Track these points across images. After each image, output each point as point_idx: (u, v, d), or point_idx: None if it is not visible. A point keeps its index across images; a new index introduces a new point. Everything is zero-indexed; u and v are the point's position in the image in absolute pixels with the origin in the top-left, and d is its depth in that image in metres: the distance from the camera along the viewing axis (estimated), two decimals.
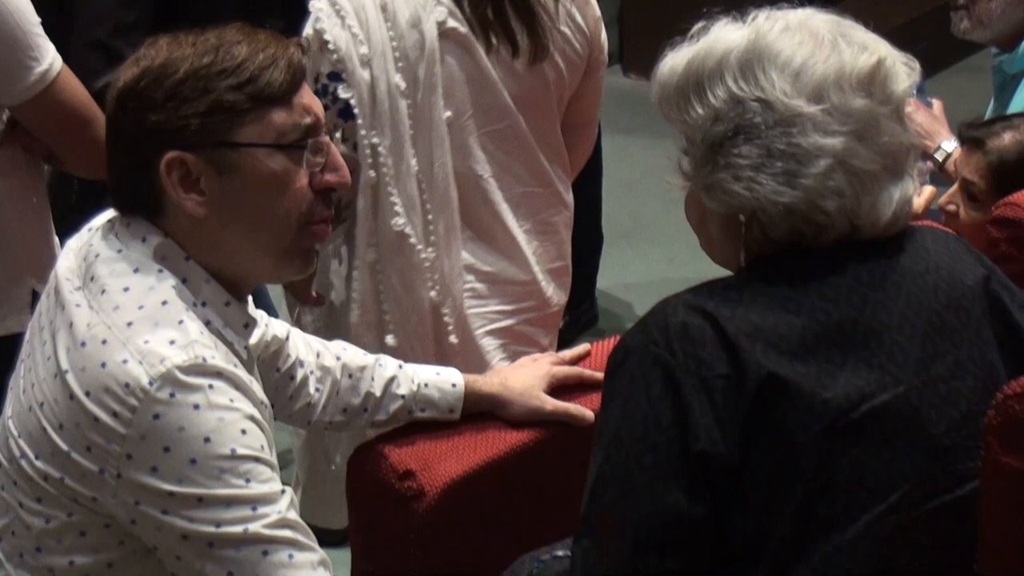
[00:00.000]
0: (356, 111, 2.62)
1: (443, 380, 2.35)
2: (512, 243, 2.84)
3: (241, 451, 1.80)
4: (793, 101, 1.80)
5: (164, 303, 1.85)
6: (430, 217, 2.72)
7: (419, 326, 2.74)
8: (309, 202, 1.91)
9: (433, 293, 2.75)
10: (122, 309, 1.84)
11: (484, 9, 2.67)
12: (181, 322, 1.84)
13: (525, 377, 2.39)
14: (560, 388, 2.40)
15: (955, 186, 2.97)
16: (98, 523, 1.85)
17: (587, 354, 2.48)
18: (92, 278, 1.88)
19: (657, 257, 5.08)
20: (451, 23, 2.66)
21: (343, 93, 2.62)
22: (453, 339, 2.76)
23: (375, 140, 2.66)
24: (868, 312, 1.81)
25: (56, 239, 2.76)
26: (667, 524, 1.76)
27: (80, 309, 1.86)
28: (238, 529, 1.80)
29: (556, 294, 2.94)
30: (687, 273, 4.20)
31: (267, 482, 1.83)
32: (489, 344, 2.80)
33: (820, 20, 1.87)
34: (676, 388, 1.76)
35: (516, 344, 2.80)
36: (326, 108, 2.58)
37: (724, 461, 1.75)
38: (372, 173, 2.69)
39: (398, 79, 2.64)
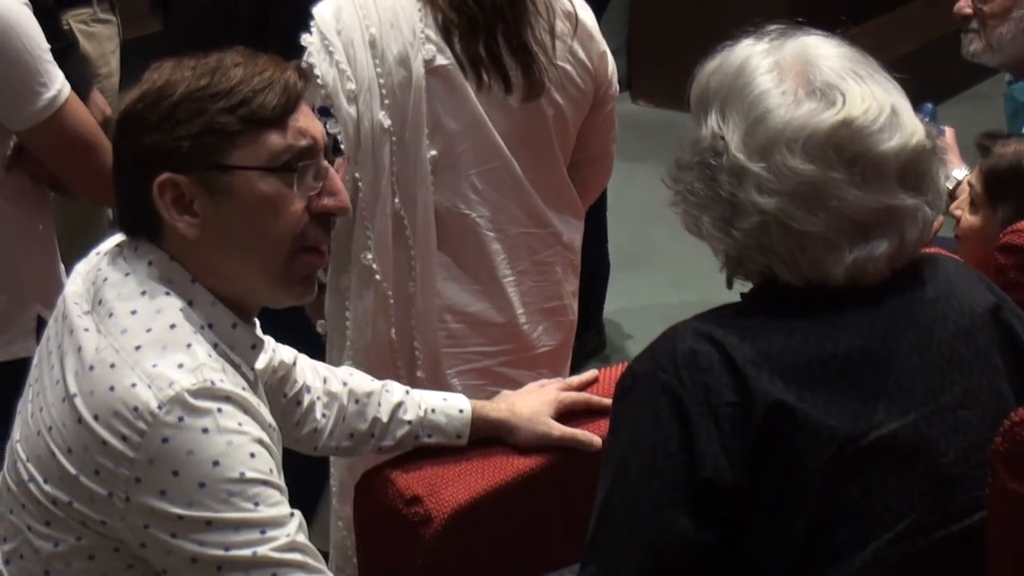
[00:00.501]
0: (342, 146, 2.62)
1: (450, 406, 2.35)
2: (496, 285, 2.79)
3: (250, 475, 1.81)
4: (739, 153, 1.79)
5: (172, 326, 1.86)
6: (412, 253, 2.69)
7: (376, 359, 2.71)
8: (304, 226, 1.91)
9: (393, 332, 2.72)
10: (130, 332, 1.84)
11: (476, 47, 2.64)
12: (189, 345, 1.84)
13: (532, 403, 2.39)
14: (568, 414, 2.39)
15: (966, 192, 2.97)
16: (107, 547, 1.86)
17: (595, 380, 2.48)
18: (100, 302, 1.89)
19: (663, 283, 5.09)
20: (440, 60, 2.63)
21: (331, 128, 2.61)
22: (420, 373, 2.72)
23: (356, 175, 2.65)
24: (877, 341, 1.80)
25: (62, 265, 2.77)
26: (674, 550, 1.75)
27: (88, 333, 1.86)
28: (247, 552, 1.80)
29: (547, 335, 2.87)
30: (693, 299, 4.20)
31: (276, 505, 1.83)
32: (460, 383, 2.76)
33: (823, 63, 1.82)
34: (683, 415, 1.76)
35: (494, 385, 2.74)
36: None
37: (731, 488, 1.74)
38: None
39: (382, 116, 2.62)
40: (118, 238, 1.97)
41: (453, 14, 2.62)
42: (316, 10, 2.65)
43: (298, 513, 1.86)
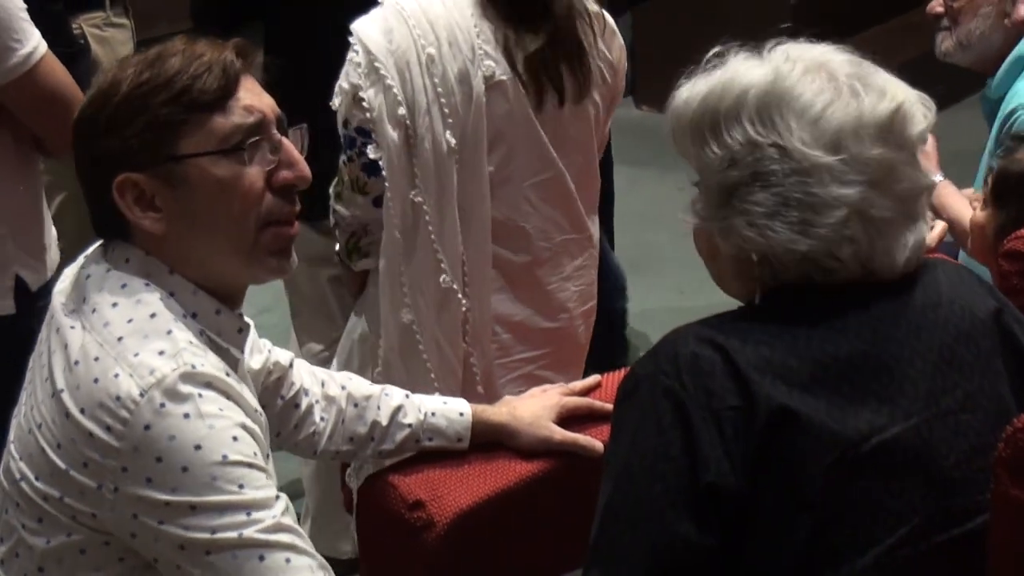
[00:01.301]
0: (384, 172, 2.58)
1: (450, 409, 2.35)
2: (542, 292, 2.82)
3: (233, 457, 1.81)
4: (811, 151, 1.79)
5: (153, 315, 1.87)
6: (465, 269, 2.70)
7: (454, 383, 2.71)
8: (268, 202, 1.92)
9: (466, 345, 2.73)
10: (112, 325, 1.86)
11: (532, 58, 2.63)
12: (170, 332, 1.86)
13: (534, 407, 2.39)
14: (569, 418, 2.39)
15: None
16: (97, 541, 1.87)
17: (597, 385, 2.48)
18: (83, 299, 1.91)
19: (667, 288, 5.09)
20: (499, 76, 2.62)
21: (372, 154, 2.59)
22: (480, 389, 2.73)
23: (419, 199, 2.61)
24: (878, 346, 1.80)
25: (52, 230, 2.79)
26: (676, 554, 1.75)
27: (74, 330, 1.88)
28: (233, 535, 1.81)
29: (584, 335, 2.93)
30: (697, 304, 4.19)
31: (261, 488, 1.84)
32: (509, 392, 2.77)
33: (839, 62, 1.86)
34: (686, 419, 1.76)
35: (528, 386, 2.79)
36: (351, 160, 2.61)
37: (733, 492, 1.74)
38: (397, 234, 2.64)
39: (447, 136, 2.59)
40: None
41: (510, 28, 2.62)
42: (360, 30, 2.58)
43: (284, 496, 1.87)
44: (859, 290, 1.83)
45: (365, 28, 2.57)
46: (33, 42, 2.57)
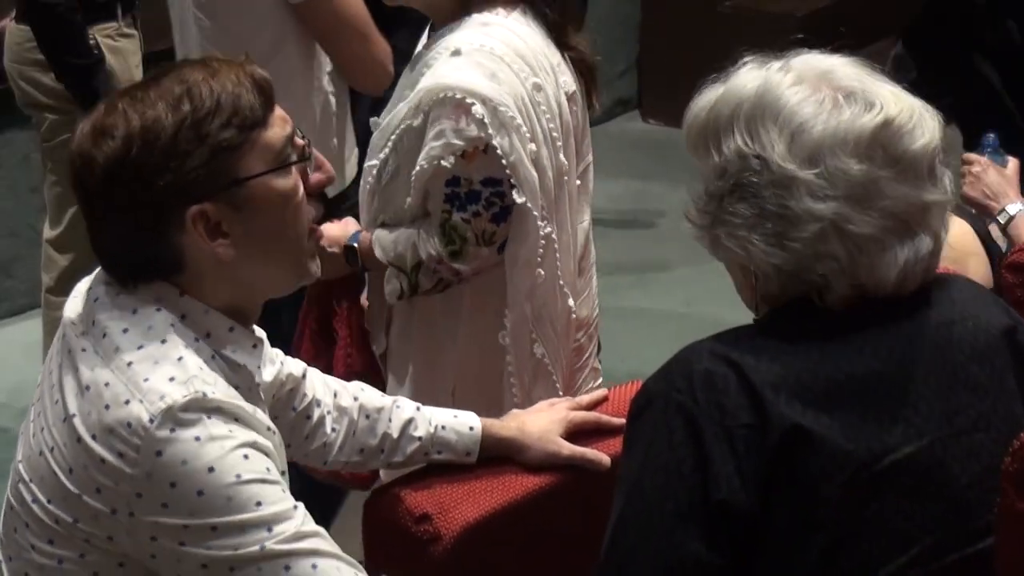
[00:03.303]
0: (534, 213, 2.54)
1: (460, 423, 2.35)
2: (587, 283, 2.87)
3: (246, 476, 1.81)
4: (787, 164, 1.79)
5: (163, 341, 1.86)
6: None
7: (544, 392, 2.70)
8: (306, 207, 1.94)
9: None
10: (123, 350, 1.85)
11: (587, 65, 2.71)
12: (180, 358, 1.85)
13: (542, 422, 2.38)
14: (577, 433, 2.38)
15: None
16: (111, 563, 1.87)
17: (604, 399, 2.48)
18: (93, 323, 1.89)
19: (674, 301, 5.09)
20: (571, 87, 2.68)
21: (518, 197, 2.54)
22: (560, 393, 2.73)
23: (548, 230, 2.60)
24: (893, 364, 1.80)
25: (354, 145, 3.36)
26: (685, 571, 1.76)
27: (85, 354, 1.87)
28: (255, 549, 1.81)
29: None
30: (704, 316, 4.20)
31: (278, 502, 1.83)
32: (584, 390, 2.80)
33: (840, 72, 1.84)
34: (698, 436, 1.76)
35: (594, 378, 2.88)
36: (476, 215, 2.57)
37: (745, 510, 1.75)
38: (542, 272, 2.62)
39: (562, 159, 2.61)
40: None
41: (573, 38, 2.68)
42: (464, 84, 2.52)
43: (301, 505, 1.86)
44: (873, 307, 1.82)
45: (469, 82, 2.51)
46: None
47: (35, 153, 3.98)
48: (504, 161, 2.51)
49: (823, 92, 1.81)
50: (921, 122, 1.82)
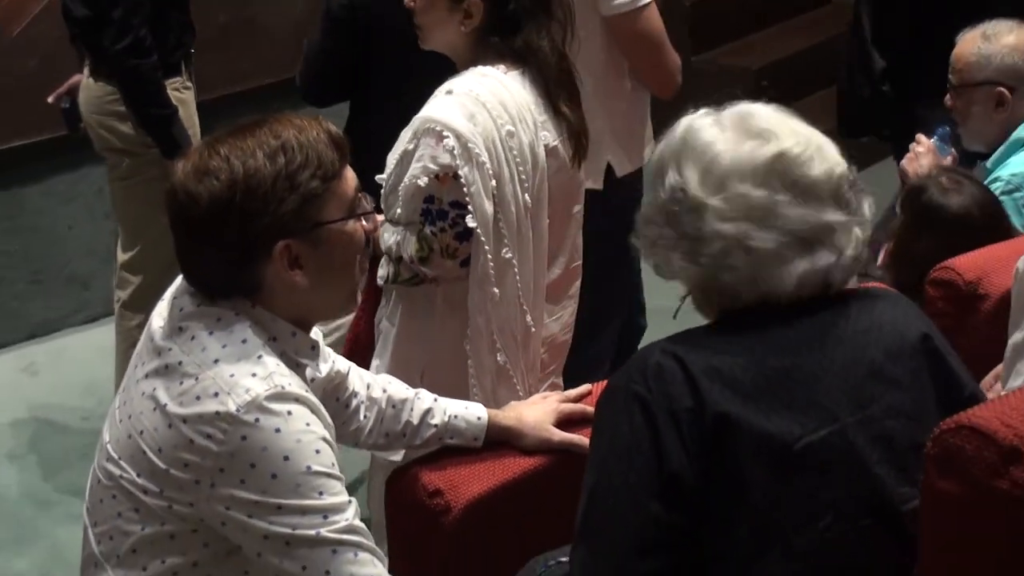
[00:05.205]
0: (483, 239, 2.53)
1: (470, 414, 2.36)
2: (565, 312, 2.86)
3: (316, 468, 1.84)
4: (698, 192, 1.83)
5: (244, 341, 1.89)
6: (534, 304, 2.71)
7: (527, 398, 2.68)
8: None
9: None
10: (209, 350, 1.88)
11: (574, 122, 2.67)
12: (260, 357, 1.88)
13: (537, 413, 2.40)
14: (566, 422, 2.40)
15: None
16: (187, 529, 1.90)
17: (588, 393, 2.49)
18: (180, 328, 1.92)
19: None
20: (551, 142, 2.65)
21: (471, 223, 2.53)
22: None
23: (508, 255, 2.59)
24: (811, 361, 1.83)
25: (650, 134, 3.26)
26: (649, 530, 1.78)
27: (172, 352, 1.90)
28: (311, 532, 1.83)
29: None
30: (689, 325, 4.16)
31: (337, 495, 1.86)
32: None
33: (757, 115, 1.86)
34: (652, 419, 1.78)
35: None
36: (442, 230, 2.56)
37: (690, 481, 1.77)
38: (495, 289, 2.59)
39: (525, 197, 2.59)
40: None
41: (564, 106, 2.65)
42: (445, 120, 2.52)
43: (354, 500, 1.90)
44: (799, 313, 1.85)
45: (450, 118, 2.52)
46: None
47: (107, 186, 3.99)
48: (466, 189, 2.52)
49: (730, 132, 1.84)
50: (819, 153, 1.84)
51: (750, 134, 1.84)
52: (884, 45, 3.81)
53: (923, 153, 3.27)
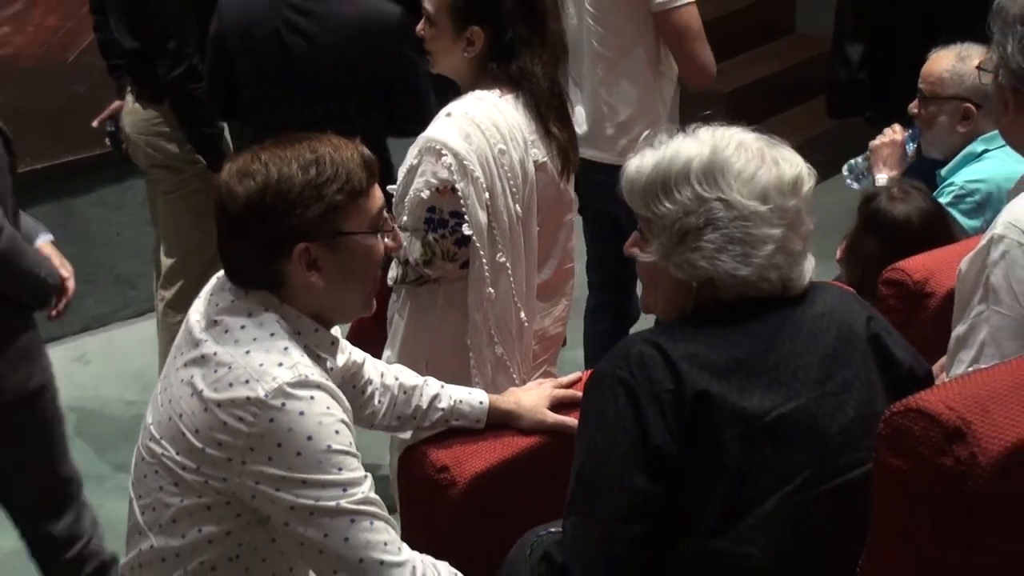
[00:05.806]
0: (478, 244, 2.55)
1: (473, 398, 2.37)
2: (556, 308, 2.86)
3: (335, 447, 1.85)
4: (748, 201, 1.86)
5: (272, 335, 1.90)
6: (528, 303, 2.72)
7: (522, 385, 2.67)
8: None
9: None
10: (241, 342, 1.89)
11: (562, 139, 2.66)
12: (286, 348, 1.88)
13: (533, 397, 2.40)
14: (559, 405, 2.40)
15: None
16: (221, 501, 1.91)
17: (579, 379, 2.49)
18: (215, 321, 1.93)
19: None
20: (540, 158, 2.64)
21: (467, 231, 2.54)
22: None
23: (502, 259, 2.59)
24: (777, 345, 1.86)
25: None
26: (633, 500, 1.79)
27: (208, 343, 1.91)
28: (332, 504, 1.84)
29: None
30: None
31: (355, 470, 1.87)
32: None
33: (751, 139, 1.92)
34: (636, 401, 1.80)
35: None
36: (443, 237, 2.57)
37: (672, 455, 1.80)
38: (490, 289, 2.60)
39: (516, 208, 2.59)
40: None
41: (554, 127, 2.63)
42: (444, 139, 2.53)
43: (370, 475, 1.90)
44: (764, 305, 1.88)
45: (448, 137, 2.53)
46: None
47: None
48: (463, 201, 2.53)
49: (762, 152, 1.90)
50: (807, 172, 1.92)
51: (772, 160, 1.89)
52: (864, 33, 3.78)
53: (890, 142, 3.26)
